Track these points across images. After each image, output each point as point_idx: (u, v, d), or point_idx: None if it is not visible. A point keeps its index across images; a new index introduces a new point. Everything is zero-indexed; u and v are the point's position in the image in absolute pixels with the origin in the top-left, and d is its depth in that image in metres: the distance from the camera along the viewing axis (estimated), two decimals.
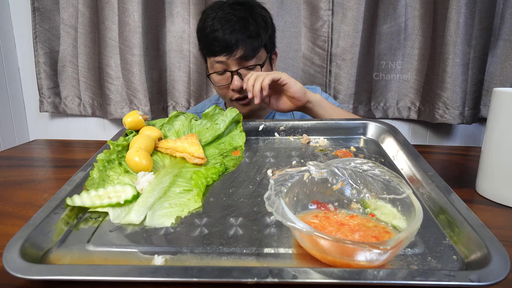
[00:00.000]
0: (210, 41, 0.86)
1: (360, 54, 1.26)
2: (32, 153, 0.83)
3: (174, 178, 0.52)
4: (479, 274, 0.30)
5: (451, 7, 1.13)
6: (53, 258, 0.37)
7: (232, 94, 0.90)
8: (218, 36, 0.84)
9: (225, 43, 0.84)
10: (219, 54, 0.86)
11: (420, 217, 0.34)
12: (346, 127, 0.73)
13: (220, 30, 0.84)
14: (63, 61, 1.43)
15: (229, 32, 0.84)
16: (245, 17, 0.86)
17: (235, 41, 0.84)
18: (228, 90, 0.90)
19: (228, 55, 0.85)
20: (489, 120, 0.53)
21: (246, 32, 0.85)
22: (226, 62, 0.87)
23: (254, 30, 0.86)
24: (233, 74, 0.87)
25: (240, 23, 0.85)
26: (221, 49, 0.85)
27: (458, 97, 1.19)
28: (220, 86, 0.91)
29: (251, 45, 0.86)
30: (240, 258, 0.36)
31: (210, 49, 0.87)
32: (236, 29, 0.84)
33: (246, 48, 0.85)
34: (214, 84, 0.93)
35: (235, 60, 0.86)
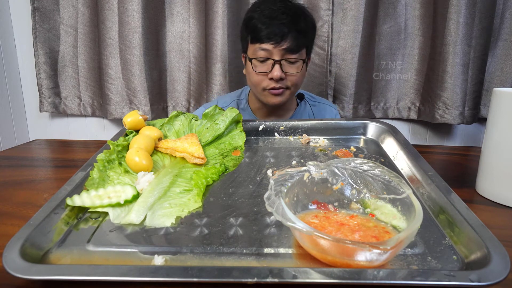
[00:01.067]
0: (261, 28, 0.89)
1: (360, 54, 1.26)
2: (32, 153, 0.82)
3: (174, 178, 0.52)
4: (479, 274, 0.30)
5: (451, 7, 1.13)
6: (53, 258, 0.37)
7: (268, 83, 0.92)
8: (270, 24, 0.88)
9: (276, 32, 0.87)
10: (267, 41, 0.89)
11: (420, 217, 0.34)
12: (346, 127, 0.73)
13: (275, 20, 0.88)
14: (63, 61, 1.43)
15: (281, 23, 0.87)
16: (297, 14, 0.91)
17: (285, 32, 0.87)
18: (264, 79, 0.92)
19: (276, 44, 0.88)
20: (489, 120, 0.53)
21: (296, 27, 0.89)
22: (271, 51, 0.89)
23: (303, 27, 0.90)
24: (275, 63, 0.90)
25: (293, 17, 0.89)
26: (270, 37, 0.88)
27: (458, 97, 1.19)
28: (258, 73, 0.93)
29: (298, 39, 0.89)
30: (240, 258, 0.36)
31: (259, 35, 0.89)
32: (288, 22, 0.88)
33: (293, 41, 0.88)
34: (253, 69, 0.94)
35: (280, 51, 0.89)
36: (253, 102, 1.04)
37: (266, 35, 0.88)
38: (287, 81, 0.92)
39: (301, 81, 0.96)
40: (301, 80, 0.96)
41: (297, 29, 0.89)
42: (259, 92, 0.96)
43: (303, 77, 0.97)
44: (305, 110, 1.06)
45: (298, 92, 1.08)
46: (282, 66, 0.90)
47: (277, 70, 0.89)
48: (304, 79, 0.99)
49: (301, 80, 0.96)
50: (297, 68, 0.92)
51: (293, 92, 0.96)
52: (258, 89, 0.96)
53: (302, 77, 0.96)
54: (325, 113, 1.08)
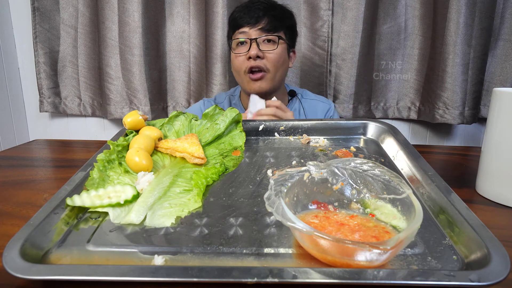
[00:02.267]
0: (239, 15, 0.97)
1: (360, 54, 1.26)
2: (32, 153, 0.82)
3: (174, 178, 0.52)
4: (479, 274, 0.30)
5: (451, 7, 1.13)
6: (53, 258, 0.37)
7: (247, 64, 0.96)
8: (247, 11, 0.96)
9: (251, 15, 0.95)
10: (243, 26, 0.96)
11: (420, 217, 0.34)
12: (346, 127, 0.73)
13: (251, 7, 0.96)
14: (63, 61, 1.43)
15: (255, 8, 0.95)
16: (273, 4, 0.99)
17: (260, 15, 0.95)
18: (244, 61, 0.96)
19: (251, 26, 0.95)
20: (489, 120, 0.53)
21: (271, 12, 0.96)
22: (248, 32, 0.96)
23: (279, 13, 0.98)
24: (251, 42, 0.95)
25: (267, 5, 0.97)
26: (246, 21, 0.96)
27: (458, 97, 1.19)
28: (237, 55, 0.97)
29: (273, 20, 0.96)
30: (240, 258, 0.36)
31: (237, 22, 0.97)
32: (262, 7, 0.95)
33: (269, 22, 0.95)
34: (232, 52, 0.99)
35: (256, 30, 0.95)
36: (244, 98, 1.06)
37: (243, 19, 0.96)
38: (265, 62, 0.95)
39: (281, 63, 0.98)
40: (280, 61, 0.97)
41: (273, 13, 0.96)
42: (241, 78, 0.99)
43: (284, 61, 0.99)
44: (295, 107, 1.08)
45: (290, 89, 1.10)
46: (259, 45, 0.95)
47: (254, 48, 0.94)
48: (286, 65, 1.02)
49: (280, 61, 0.98)
50: (274, 46, 0.96)
51: (274, 77, 0.97)
52: (240, 75, 0.99)
53: (282, 59, 0.98)
54: (316, 110, 1.09)
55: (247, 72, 0.97)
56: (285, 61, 1.00)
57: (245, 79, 0.98)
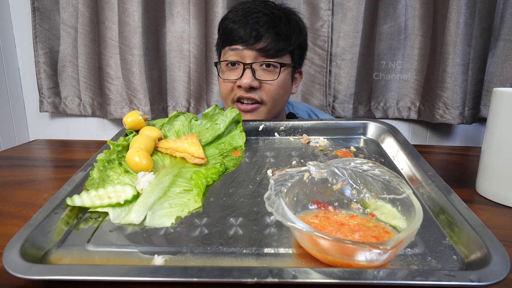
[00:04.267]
0: (232, 27, 0.75)
1: (360, 54, 1.26)
2: (32, 153, 0.82)
3: (174, 178, 0.52)
4: (479, 274, 0.30)
5: (451, 7, 1.13)
6: (53, 258, 0.37)
7: (237, 93, 0.76)
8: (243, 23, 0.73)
9: (247, 32, 0.73)
10: (236, 42, 0.74)
11: (420, 217, 0.34)
12: (346, 127, 0.72)
13: (249, 18, 0.73)
14: (63, 61, 1.43)
15: (253, 22, 0.73)
16: (278, 15, 0.75)
17: (258, 32, 0.73)
18: (233, 88, 0.76)
19: (247, 45, 0.73)
20: (489, 120, 0.53)
21: (274, 29, 0.73)
22: (242, 53, 0.74)
23: (285, 30, 0.75)
24: (245, 67, 0.73)
25: (270, 17, 0.74)
26: (242, 37, 0.73)
27: (458, 97, 1.19)
28: (226, 81, 0.76)
29: (276, 41, 0.74)
30: (240, 258, 0.36)
31: (230, 36, 0.75)
32: (262, 22, 0.73)
33: (270, 42, 0.73)
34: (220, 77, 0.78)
35: (253, 52, 0.73)
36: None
37: (237, 34, 0.73)
38: (261, 93, 0.75)
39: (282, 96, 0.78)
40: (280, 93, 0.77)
41: (277, 31, 0.74)
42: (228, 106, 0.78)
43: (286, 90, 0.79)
44: None
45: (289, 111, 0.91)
46: (255, 72, 0.74)
47: (247, 77, 0.72)
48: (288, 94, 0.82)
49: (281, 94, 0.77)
50: (274, 75, 0.75)
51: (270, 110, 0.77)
52: (227, 102, 0.79)
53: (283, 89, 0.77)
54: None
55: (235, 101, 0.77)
56: (287, 91, 0.79)
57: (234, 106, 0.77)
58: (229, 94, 0.77)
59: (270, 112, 0.79)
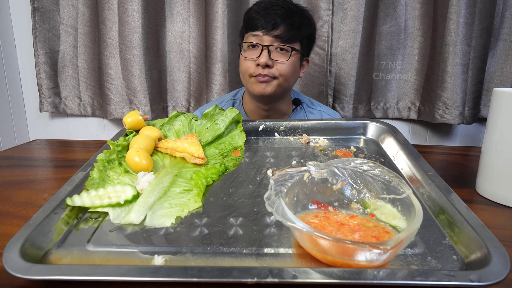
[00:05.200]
0: (255, 16, 0.92)
1: (360, 54, 1.26)
2: (32, 153, 0.82)
3: (174, 178, 0.52)
4: (479, 274, 0.30)
5: (451, 7, 1.13)
6: (53, 258, 0.37)
7: (255, 69, 0.92)
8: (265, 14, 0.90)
9: (268, 20, 0.90)
10: (257, 29, 0.91)
11: (420, 217, 0.34)
12: (346, 127, 0.73)
13: (269, 10, 0.90)
14: (63, 61, 1.43)
15: (273, 13, 0.90)
16: (293, 10, 0.93)
17: (277, 21, 0.89)
18: (252, 65, 0.93)
19: (266, 31, 0.90)
20: (489, 120, 0.53)
21: (289, 20, 0.90)
22: (262, 37, 0.91)
23: (297, 21, 0.92)
24: (263, 48, 0.90)
25: (286, 11, 0.91)
26: (262, 25, 0.90)
27: (458, 97, 1.19)
28: (247, 59, 0.93)
29: (290, 30, 0.90)
30: (240, 258, 0.36)
31: (252, 23, 0.92)
32: (280, 13, 0.90)
33: (285, 31, 0.90)
34: (242, 55, 0.95)
35: (270, 37, 0.90)
36: (247, 103, 1.03)
37: (259, 22, 0.91)
38: (275, 71, 0.91)
39: (291, 74, 0.94)
40: (291, 71, 0.93)
41: (291, 22, 0.90)
42: (246, 80, 0.96)
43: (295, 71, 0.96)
44: (300, 116, 1.05)
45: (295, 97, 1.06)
46: (271, 53, 0.90)
47: (264, 56, 0.90)
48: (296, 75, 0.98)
49: (291, 72, 0.93)
50: (286, 57, 0.92)
51: (281, 84, 0.94)
52: (245, 77, 0.95)
53: (293, 69, 0.94)
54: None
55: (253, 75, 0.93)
56: (295, 72, 0.96)
57: (251, 80, 0.94)
58: (248, 69, 0.94)
59: (281, 85, 0.93)
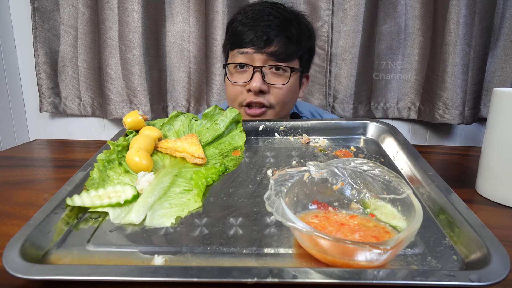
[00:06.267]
0: (242, 30, 0.74)
1: (360, 54, 1.26)
2: (32, 153, 0.82)
3: (174, 178, 0.52)
4: (479, 274, 0.30)
5: (451, 7, 1.13)
6: (53, 258, 0.37)
7: (246, 96, 0.75)
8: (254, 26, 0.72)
9: (257, 35, 0.72)
10: (246, 45, 0.73)
11: (420, 217, 0.34)
12: (346, 127, 0.72)
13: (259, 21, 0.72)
14: (63, 61, 1.43)
15: (264, 26, 0.72)
16: (288, 18, 0.75)
17: (269, 36, 0.72)
18: (242, 91, 0.76)
19: (257, 49, 0.72)
20: (489, 120, 0.53)
21: (284, 32, 0.73)
22: (252, 56, 0.73)
23: (295, 34, 0.74)
24: (255, 70, 0.73)
25: (280, 21, 0.73)
26: (252, 40, 0.72)
27: (458, 97, 1.19)
28: (235, 84, 0.75)
29: (287, 45, 0.73)
30: (240, 258, 0.36)
31: (239, 38, 0.74)
32: (273, 25, 0.72)
33: (281, 46, 0.73)
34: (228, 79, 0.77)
35: (263, 55, 0.72)
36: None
37: (247, 37, 0.73)
38: (270, 97, 0.75)
39: (291, 100, 0.79)
40: (289, 98, 0.77)
41: (287, 35, 0.73)
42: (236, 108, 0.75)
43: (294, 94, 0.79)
44: None
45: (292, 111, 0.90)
46: (265, 76, 0.73)
47: (256, 80, 0.72)
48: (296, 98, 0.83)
49: (289, 98, 0.77)
50: (284, 79, 0.74)
51: (278, 113, 0.77)
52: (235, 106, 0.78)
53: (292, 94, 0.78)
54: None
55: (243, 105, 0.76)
56: (295, 95, 0.80)
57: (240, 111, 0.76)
58: (237, 97, 0.77)
59: (277, 115, 0.79)
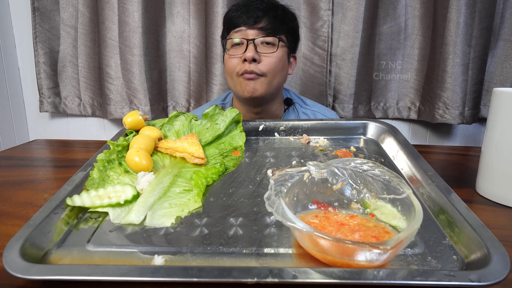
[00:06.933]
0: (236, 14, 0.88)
1: (360, 54, 1.26)
2: (32, 153, 0.82)
3: (174, 178, 0.52)
4: (479, 274, 0.30)
5: (451, 7, 1.13)
6: (53, 258, 0.37)
7: (241, 66, 0.88)
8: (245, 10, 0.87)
9: (248, 16, 0.87)
10: (239, 25, 0.87)
11: (420, 217, 0.34)
12: (346, 127, 0.73)
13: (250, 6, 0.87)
14: (63, 61, 1.43)
15: (254, 8, 0.87)
16: (275, 4, 0.90)
17: (258, 15, 0.86)
18: (238, 63, 0.88)
19: (249, 26, 0.87)
20: (489, 120, 0.53)
21: (271, 12, 0.88)
22: (245, 32, 0.87)
23: (281, 14, 0.89)
24: (248, 43, 0.86)
25: (267, 4, 0.88)
26: (243, 21, 0.87)
27: (458, 97, 1.18)
28: (232, 56, 0.89)
29: (274, 21, 0.87)
30: (240, 258, 0.36)
31: (234, 21, 0.88)
32: (262, 7, 0.87)
33: (269, 22, 0.87)
34: (226, 53, 0.91)
35: (254, 30, 0.87)
36: (237, 106, 0.98)
37: (240, 19, 0.87)
38: (262, 66, 0.87)
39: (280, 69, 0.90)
40: (279, 66, 0.89)
41: (274, 14, 0.88)
42: (234, 81, 0.91)
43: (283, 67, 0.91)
44: (292, 117, 1.00)
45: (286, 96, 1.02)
46: (257, 47, 0.86)
47: (250, 50, 0.85)
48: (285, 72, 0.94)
49: (279, 67, 0.89)
50: (273, 49, 0.87)
51: (270, 82, 0.89)
52: (233, 77, 0.90)
53: (281, 64, 0.90)
54: None
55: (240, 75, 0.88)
56: (284, 67, 0.92)
57: (238, 81, 0.89)
58: (234, 68, 0.89)
59: (270, 83, 0.89)
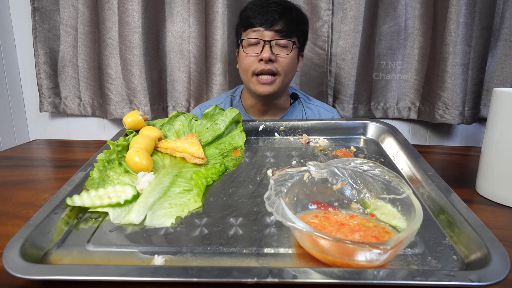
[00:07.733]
0: (253, 15, 0.93)
1: (360, 54, 1.26)
2: (32, 153, 0.82)
3: (174, 178, 0.52)
4: (479, 274, 0.30)
5: (451, 7, 1.13)
6: (53, 258, 0.37)
7: (257, 66, 0.93)
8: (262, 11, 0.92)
9: (267, 17, 0.91)
10: (257, 25, 0.92)
11: (420, 217, 0.34)
12: (346, 127, 0.73)
13: (267, 8, 0.92)
14: (63, 61, 1.43)
15: (271, 10, 0.92)
16: (289, 6, 0.96)
17: (276, 18, 0.91)
18: (254, 62, 0.93)
19: (266, 27, 0.91)
20: (489, 120, 0.53)
21: (288, 15, 0.93)
22: (262, 33, 0.92)
23: (295, 17, 0.95)
24: (265, 44, 0.91)
25: (283, 7, 0.93)
26: (260, 22, 0.92)
27: (458, 97, 1.18)
28: (248, 55, 0.94)
29: (289, 25, 0.93)
30: (240, 258, 0.36)
31: (251, 21, 0.93)
32: (278, 10, 0.92)
33: (285, 25, 0.92)
34: (243, 51, 0.95)
35: (271, 32, 0.92)
36: (246, 99, 1.04)
37: (257, 19, 0.92)
38: (277, 65, 0.92)
39: (292, 70, 0.96)
40: (291, 66, 0.95)
41: (289, 17, 0.93)
42: (248, 78, 0.96)
43: (294, 66, 0.97)
44: (298, 111, 1.05)
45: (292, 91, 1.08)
46: (272, 48, 0.92)
47: (266, 51, 0.90)
48: (295, 70, 1.00)
49: (291, 67, 0.95)
50: (287, 51, 0.93)
51: (283, 81, 0.95)
52: (248, 75, 0.96)
53: (293, 64, 0.96)
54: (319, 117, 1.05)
55: (255, 74, 0.94)
56: (294, 66, 0.98)
57: (253, 80, 0.95)
58: (250, 67, 0.94)
59: (283, 82, 0.95)
